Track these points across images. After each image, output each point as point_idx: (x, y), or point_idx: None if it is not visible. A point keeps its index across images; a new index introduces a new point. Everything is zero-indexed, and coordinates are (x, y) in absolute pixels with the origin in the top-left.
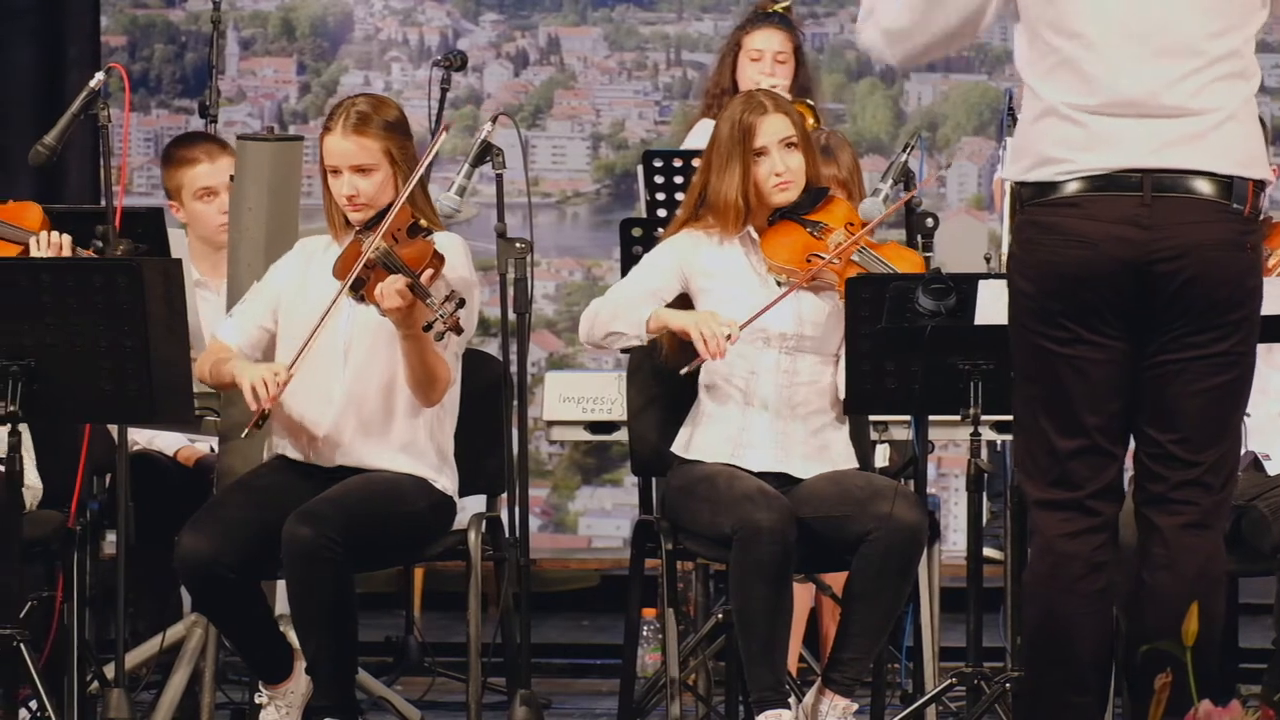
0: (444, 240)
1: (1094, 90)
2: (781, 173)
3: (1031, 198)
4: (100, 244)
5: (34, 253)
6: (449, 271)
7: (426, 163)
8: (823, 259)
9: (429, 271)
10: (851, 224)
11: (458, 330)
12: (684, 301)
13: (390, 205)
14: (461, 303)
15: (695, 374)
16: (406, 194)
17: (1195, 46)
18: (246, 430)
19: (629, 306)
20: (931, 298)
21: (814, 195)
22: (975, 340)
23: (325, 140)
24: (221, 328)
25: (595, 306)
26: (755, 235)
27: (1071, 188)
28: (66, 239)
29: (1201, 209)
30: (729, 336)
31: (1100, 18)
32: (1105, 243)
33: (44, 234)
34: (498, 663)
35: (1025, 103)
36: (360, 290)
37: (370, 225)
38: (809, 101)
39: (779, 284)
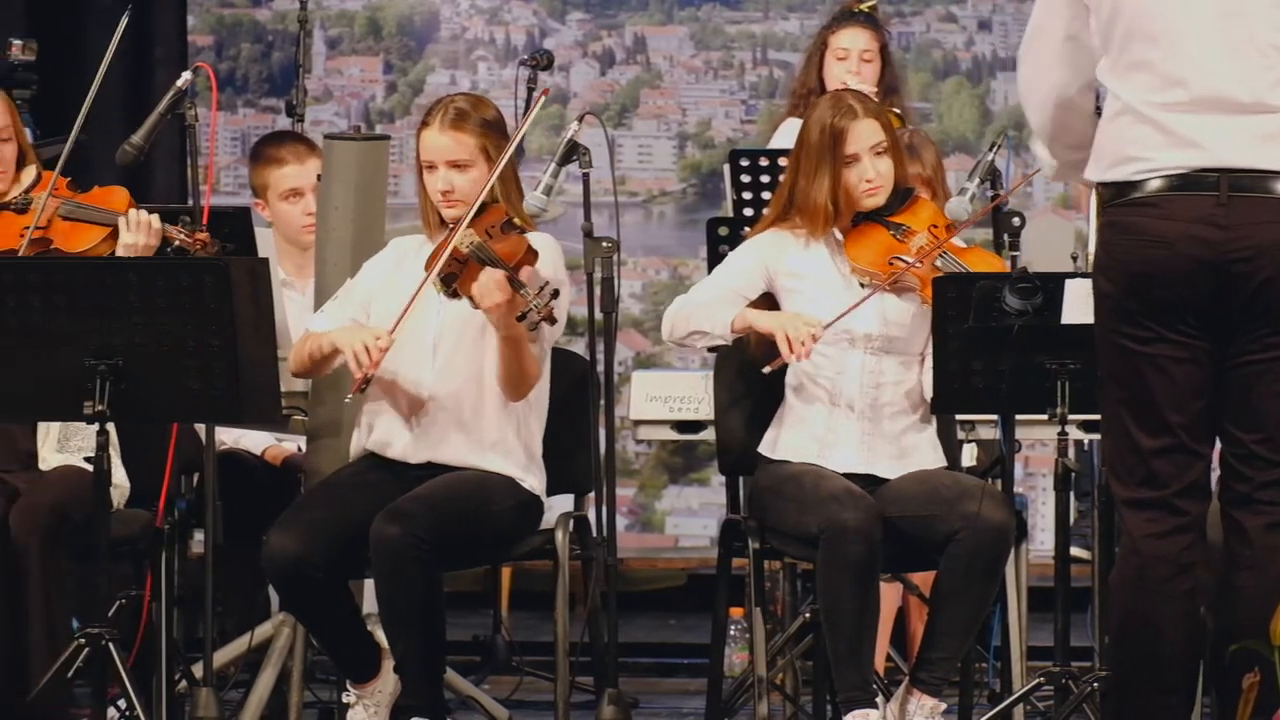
0: (537, 239)
1: (1170, 89)
2: (872, 179)
3: (1112, 198)
4: (188, 219)
5: (123, 233)
6: (540, 268)
7: (519, 137)
8: (905, 262)
9: (522, 265)
10: (935, 226)
11: (551, 320)
12: (768, 300)
13: (485, 203)
14: (556, 293)
15: (781, 373)
16: (495, 175)
17: (1272, 42)
18: (349, 395)
19: (712, 305)
20: (1018, 297)
21: (900, 196)
22: (1062, 339)
23: (422, 135)
24: (314, 322)
25: (678, 304)
26: (840, 237)
27: (1150, 187)
28: (154, 217)
29: (1277, 209)
30: (814, 336)
31: (1176, 17)
32: (1181, 242)
33: (132, 213)
34: (585, 662)
35: (1106, 103)
36: (453, 285)
37: (461, 220)
38: (895, 110)
39: (862, 285)
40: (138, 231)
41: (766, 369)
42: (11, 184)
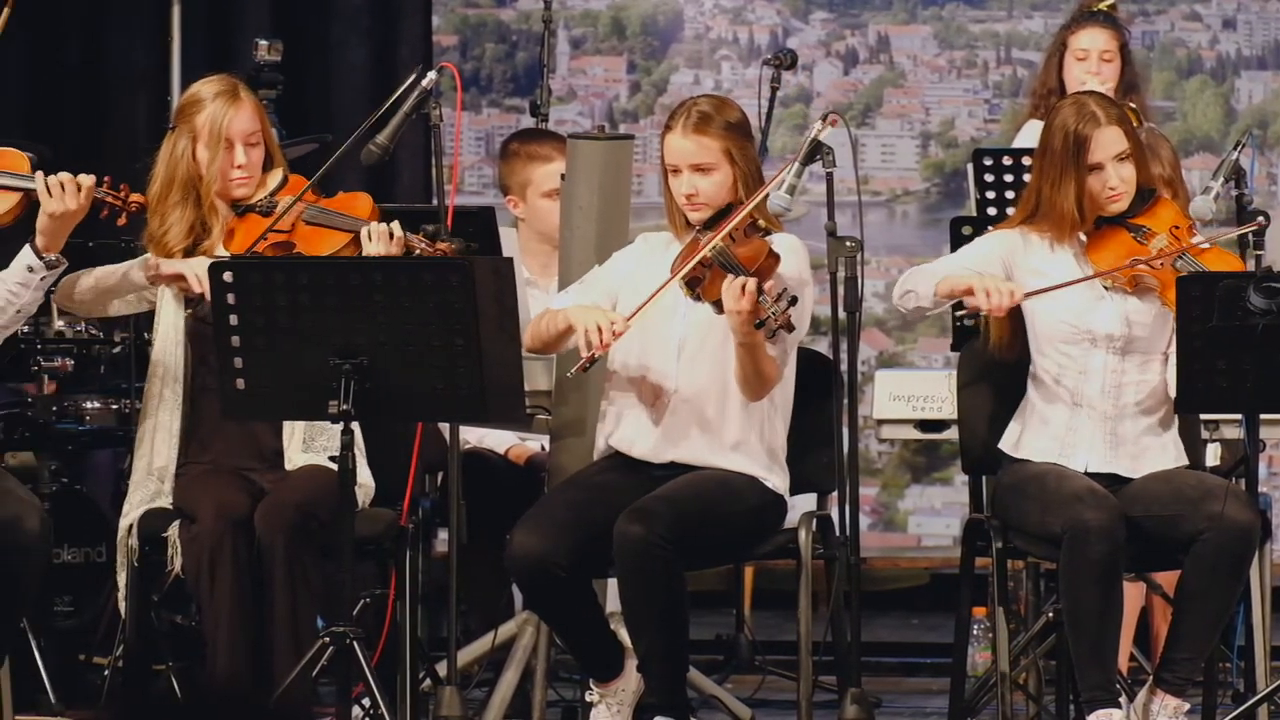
0: (781, 241)
1: None
2: (1115, 186)
3: None
4: (430, 228)
5: (364, 245)
6: (783, 270)
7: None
8: (1144, 265)
9: (764, 270)
10: (1177, 227)
11: (789, 328)
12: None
13: (730, 205)
14: (794, 300)
15: (1023, 372)
16: (755, 202)
17: None
18: (573, 370)
19: (936, 273)
20: (1263, 296)
21: (1142, 197)
22: None
23: (666, 139)
24: (557, 299)
25: (911, 271)
26: (1084, 239)
27: None
28: (396, 225)
29: None
30: (1011, 294)
31: None
32: None
33: (373, 224)
34: (828, 661)
35: None
36: (697, 288)
37: (709, 224)
38: (1131, 105)
39: (1105, 288)
40: (379, 243)
41: (961, 313)
42: (258, 187)
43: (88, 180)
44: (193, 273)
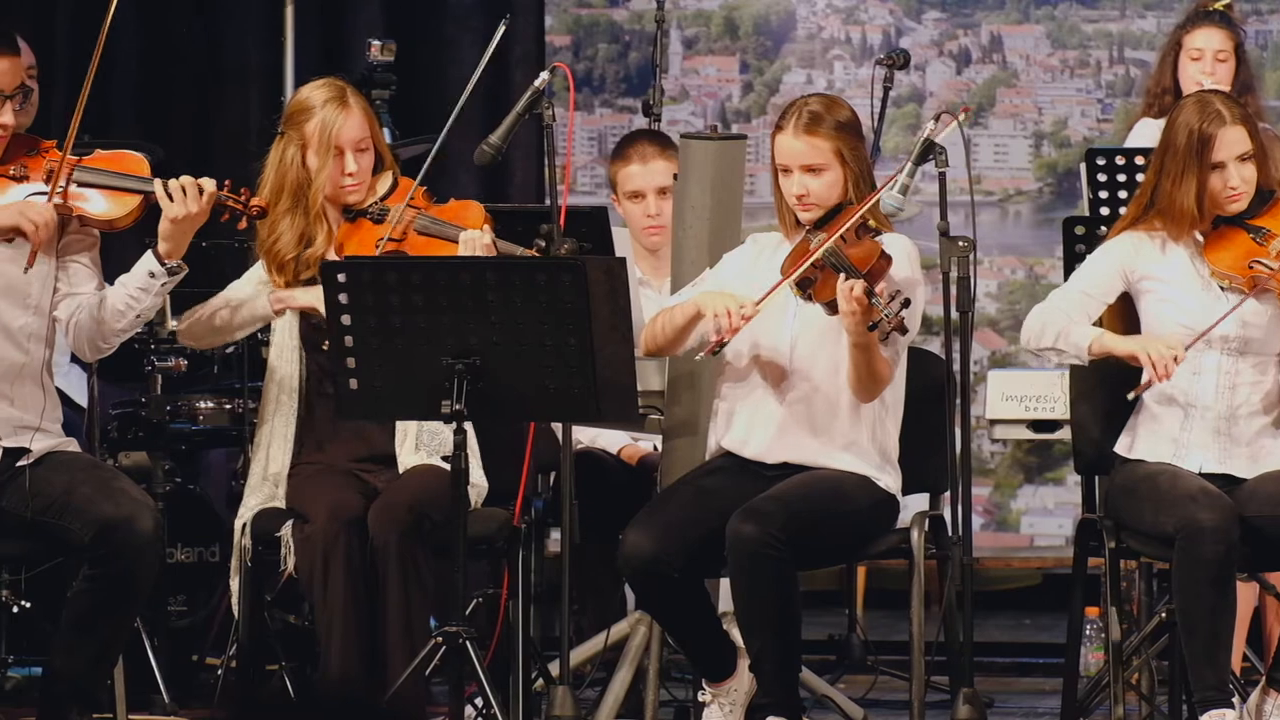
0: (892, 241)
1: None
2: (1236, 186)
3: None
4: (543, 243)
5: (461, 250)
6: (895, 271)
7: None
8: (1266, 267)
9: (875, 271)
10: None
11: (902, 330)
12: (1125, 302)
13: (841, 205)
14: (907, 302)
15: (1138, 371)
16: (869, 205)
17: None
18: (701, 354)
19: (1070, 317)
20: None
21: (1260, 198)
22: None
23: (777, 139)
24: (670, 301)
25: (1036, 314)
26: (1200, 239)
27: None
28: (486, 232)
29: None
30: (1175, 359)
31: None
32: None
33: (465, 233)
34: (940, 661)
35: None
36: (808, 289)
37: (820, 224)
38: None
39: (1222, 289)
40: (472, 251)
41: (1131, 395)
42: (369, 191)
43: (210, 184)
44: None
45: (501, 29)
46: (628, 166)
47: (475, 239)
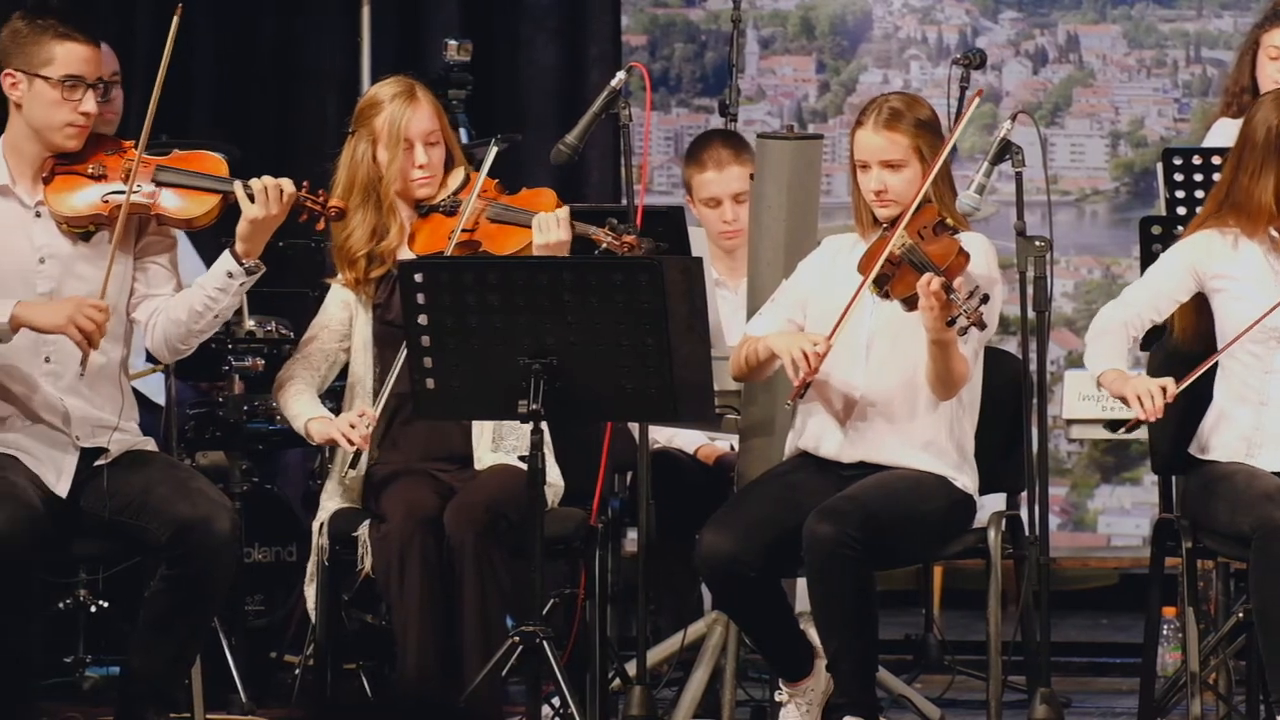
0: (969, 240)
1: None
2: None
3: None
4: (616, 220)
5: (535, 234)
6: (973, 268)
7: (950, 145)
8: None
9: (953, 268)
10: None
11: (980, 325)
12: (1199, 300)
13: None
14: (985, 298)
15: (1211, 374)
16: (927, 184)
17: None
18: (788, 401)
19: (1128, 324)
20: None
21: None
22: None
23: (856, 135)
24: (751, 325)
25: (1106, 313)
26: (1276, 235)
27: None
28: (565, 212)
29: None
30: (1165, 393)
31: None
32: None
33: (540, 215)
34: (1017, 661)
35: None
36: (885, 286)
37: (897, 223)
38: None
39: None
40: (548, 232)
41: (1120, 432)
42: (440, 187)
43: (289, 185)
44: (340, 433)
45: (494, 150)
46: (703, 173)
47: (549, 219)
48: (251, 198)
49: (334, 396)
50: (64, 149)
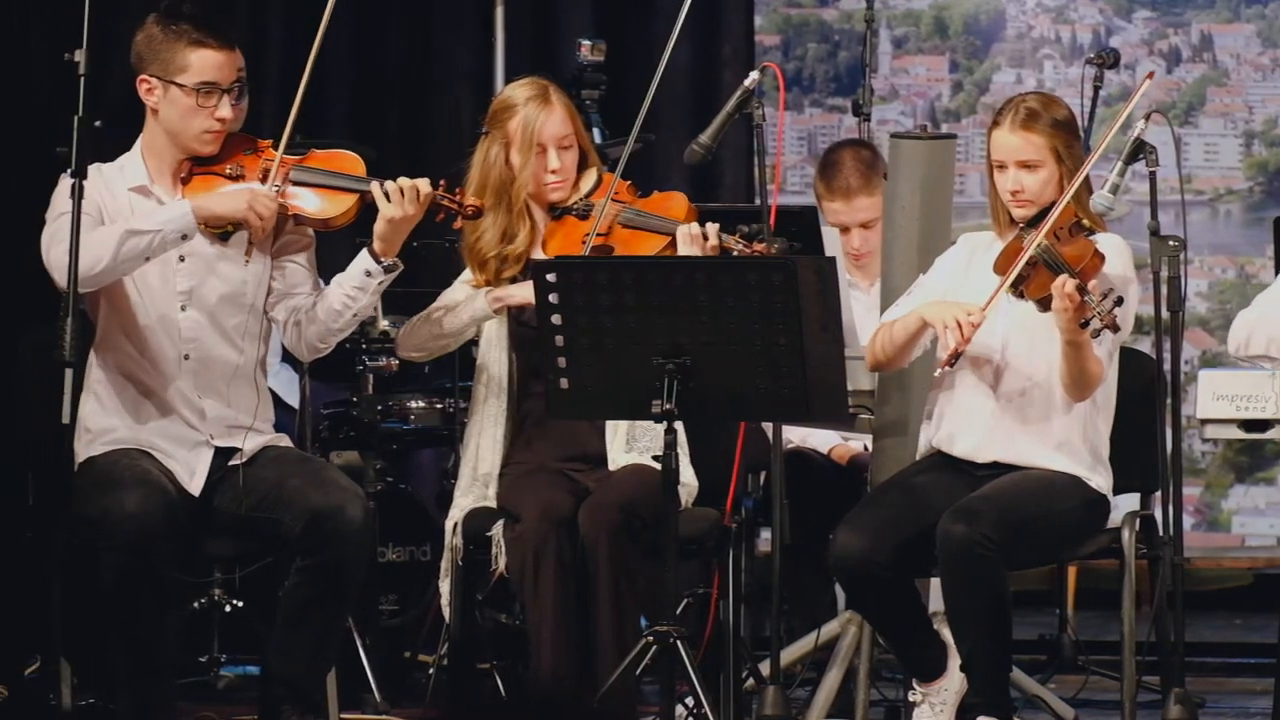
0: (1105, 240)
1: None
2: None
3: None
4: (745, 228)
5: (679, 246)
6: (1108, 269)
7: (1093, 160)
8: None
9: (1089, 269)
10: None
11: (1114, 328)
12: None
13: (1054, 203)
14: (1120, 300)
15: None
16: (1071, 192)
17: None
18: (939, 369)
19: (1275, 324)
20: None
21: None
22: None
23: (993, 135)
24: (887, 315)
25: (1242, 320)
26: None
27: None
28: (710, 229)
29: None
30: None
31: None
32: None
33: (682, 227)
34: (1151, 661)
35: None
36: (1020, 287)
37: (1033, 223)
38: None
39: None
40: (691, 245)
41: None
42: (573, 189)
43: (426, 185)
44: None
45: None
46: (832, 202)
47: (696, 233)
48: (388, 197)
49: (464, 395)
50: (200, 154)
